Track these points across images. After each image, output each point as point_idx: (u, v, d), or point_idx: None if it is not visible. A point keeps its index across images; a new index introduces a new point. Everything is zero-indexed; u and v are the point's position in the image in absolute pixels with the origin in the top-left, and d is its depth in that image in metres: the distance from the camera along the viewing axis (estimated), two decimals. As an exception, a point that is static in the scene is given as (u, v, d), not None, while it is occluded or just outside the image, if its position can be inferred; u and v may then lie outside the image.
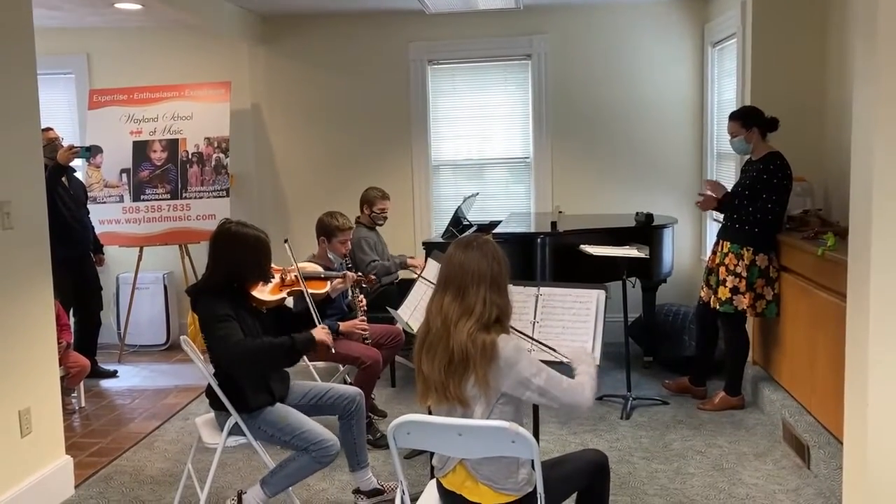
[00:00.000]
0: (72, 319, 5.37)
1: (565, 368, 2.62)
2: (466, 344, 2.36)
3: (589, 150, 6.49)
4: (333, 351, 3.45)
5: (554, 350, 2.85)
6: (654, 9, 6.32)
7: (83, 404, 5.21)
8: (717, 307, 4.65)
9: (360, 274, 4.41)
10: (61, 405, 3.96)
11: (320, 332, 3.37)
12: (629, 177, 6.45)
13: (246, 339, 3.15)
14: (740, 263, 4.55)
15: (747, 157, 4.72)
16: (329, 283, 4.03)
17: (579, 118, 6.47)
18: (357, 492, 3.64)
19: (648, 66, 6.37)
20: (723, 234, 4.71)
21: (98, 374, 5.77)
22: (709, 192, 4.73)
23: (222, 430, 3.31)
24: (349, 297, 4.52)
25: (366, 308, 4.44)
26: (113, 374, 5.90)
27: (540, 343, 2.92)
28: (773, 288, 4.56)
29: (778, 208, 4.51)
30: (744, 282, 4.55)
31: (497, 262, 2.49)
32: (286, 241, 3.93)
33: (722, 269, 4.63)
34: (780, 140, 4.89)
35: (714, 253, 4.77)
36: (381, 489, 3.64)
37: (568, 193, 6.47)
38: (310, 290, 3.71)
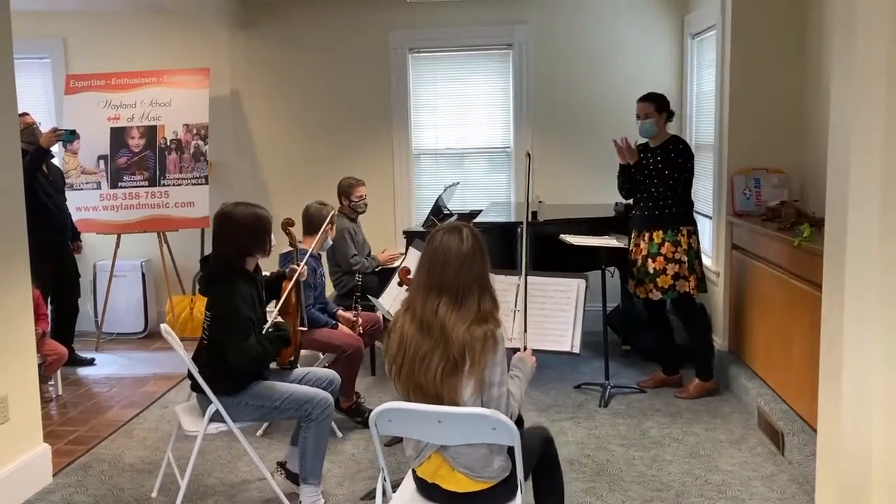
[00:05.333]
0: (49, 307, 5.32)
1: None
2: (464, 338, 2.37)
3: (569, 140, 6.51)
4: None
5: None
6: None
7: (60, 392, 5.17)
8: (662, 296, 4.75)
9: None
10: (39, 393, 3.93)
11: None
12: (609, 167, 6.41)
13: (256, 344, 3.25)
14: (678, 249, 4.69)
15: (644, 141, 4.90)
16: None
17: (560, 108, 6.49)
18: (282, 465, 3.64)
19: (629, 57, 6.39)
20: (647, 225, 4.78)
21: (75, 361, 5.72)
22: (625, 144, 4.80)
23: (204, 412, 3.30)
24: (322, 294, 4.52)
25: (359, 309, 4.58)
26: (90, 362, 5.86)
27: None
28: (701, 266, 4.79)
29: (690, 187, 4.79)
30: (685, 266, 4.68)
31: (484, 256, 2.50)
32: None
33: (659, 259, 4.72)
34: (757, 131, 4.96)
35: (637, 245, 4.84)
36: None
37: (548, 183, 6.48)
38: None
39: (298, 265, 3.80)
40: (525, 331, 2.94)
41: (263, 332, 3.38)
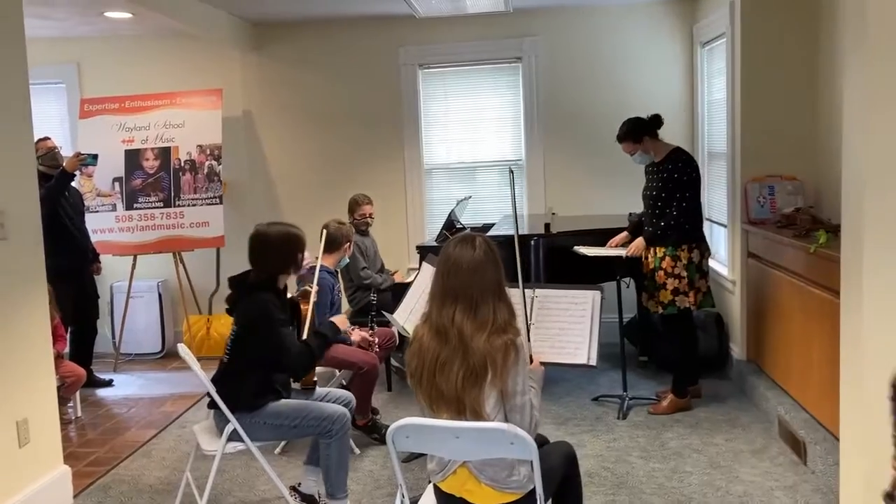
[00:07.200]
0: (68, 329, 5.36)
1: None
2: (485, 348, 2.36)
3: (581, 152, 6.51)
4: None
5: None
6: (644, 10, 6.34)
7: (79, 414, 5.19)
8: (661, 310, 4.70)
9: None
10: (58, 415, 3.95)
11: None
12: (621, 177, 6.45)
13: (299, 346, 3.38)
14: (678, 265, 4.63)
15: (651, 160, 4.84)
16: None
17: (570, 120, 6.49)
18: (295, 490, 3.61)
19: (638, 67, 6.40)
20: (651, 241, 4.73)
21: (94, 383, 5.76)
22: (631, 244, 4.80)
23: (221, 431, 3.31)
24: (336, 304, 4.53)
25: (375, 327, 4.58)
26: (108, 384, 5.89)
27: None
28: (706, 280, 4.70)
29: (696, 201, 4.65)
30: (685, 281, 4.62)
31: (498, 265, 2.50)
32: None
33: (660, 273, 4.67)
34: (770, 138, 4.94)
35: (646, 259, 4.80)
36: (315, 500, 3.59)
37: (560, 195, 6.49)
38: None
39: (311, 286, 3.80)
40: (528, 340, 2.94)
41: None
